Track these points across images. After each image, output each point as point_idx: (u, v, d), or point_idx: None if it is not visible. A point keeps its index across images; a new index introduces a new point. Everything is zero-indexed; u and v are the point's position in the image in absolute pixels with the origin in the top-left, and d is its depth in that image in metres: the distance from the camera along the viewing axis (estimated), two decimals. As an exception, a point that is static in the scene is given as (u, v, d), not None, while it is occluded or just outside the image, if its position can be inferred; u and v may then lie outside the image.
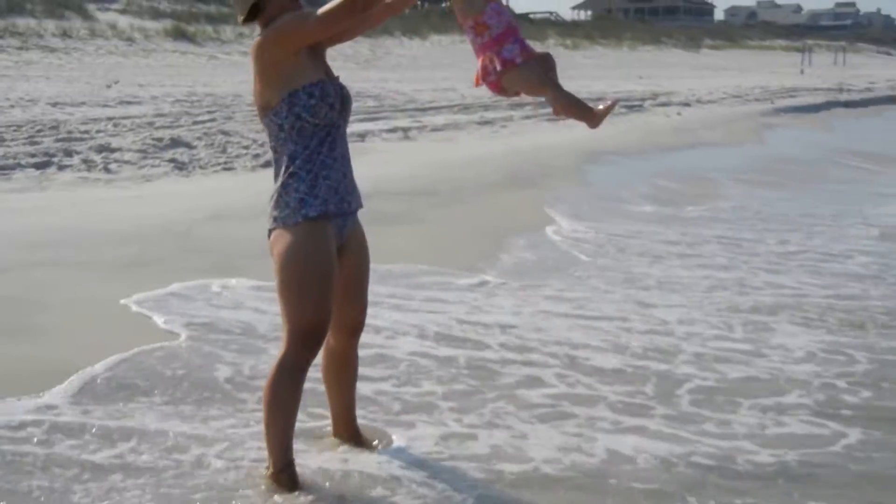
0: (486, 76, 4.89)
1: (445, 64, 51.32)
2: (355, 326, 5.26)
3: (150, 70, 34.77)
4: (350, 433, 5.57)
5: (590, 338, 7.72)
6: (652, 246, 11.19)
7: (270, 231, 4.89)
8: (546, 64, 4.92)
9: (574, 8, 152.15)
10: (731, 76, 55.11)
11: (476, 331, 7.78)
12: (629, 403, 6.38)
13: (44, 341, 7.08)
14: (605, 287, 9.34)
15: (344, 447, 5.48)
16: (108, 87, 26.45)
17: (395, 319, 7.84)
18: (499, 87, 4.92)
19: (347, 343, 5.28)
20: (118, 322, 7.57)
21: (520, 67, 4.80)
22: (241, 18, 4.82)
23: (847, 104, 35.54)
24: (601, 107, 4.89)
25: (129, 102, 22.53)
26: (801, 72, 66.43)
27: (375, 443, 5.59)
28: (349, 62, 47.55)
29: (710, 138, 22.48)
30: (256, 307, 8.01)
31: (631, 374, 6.96)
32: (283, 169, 4.84)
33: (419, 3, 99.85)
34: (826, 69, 74.51)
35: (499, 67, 4.82)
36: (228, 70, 37.76)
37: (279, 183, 4.85)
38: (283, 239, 4.81)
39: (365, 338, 5.57)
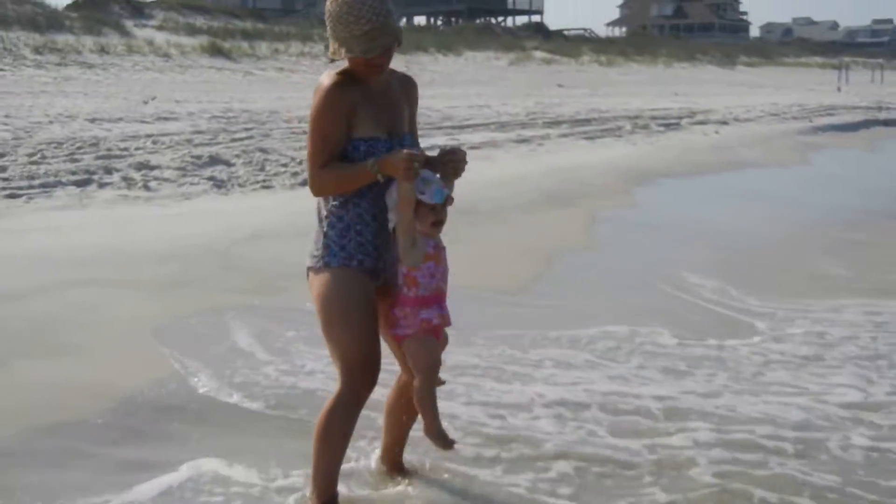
0: (393, 324, 4.87)
1: (481, 81, 51.33)
2: None
3: (187, 86, 34.86)
4: (395, 467, 5.55)
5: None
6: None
7: (308, 268, 4.96)
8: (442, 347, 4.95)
9: (608, 24, 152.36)
10: (767, 93, 54.77)
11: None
12: None
13: (79, 362, 7.07)
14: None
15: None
16: (146, 102, 26.51)
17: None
18: (398, 342, 4.92)
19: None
20: (168, 346, 7.52)
21: (422, 338, 4.81)
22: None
23: (887, 122, 35.23)
24: (443, 434, 4.86)
25: (166, 118, 22.51)
26: (839, 89, 66.01)
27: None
28: (384, 77, 47.54)
29: (750, 157, 22.29)
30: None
31: None
32: (321, 208, 4.92)
33: (453, 19, 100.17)
34: (863, 86, 73.97)
35: (407, 329, 4.83)
36: (264, 86, 37.84)
37: (317, 221, 4.95)
38: (316, 280, 4.88)
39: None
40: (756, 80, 73.87)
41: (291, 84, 39.97)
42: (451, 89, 42.80)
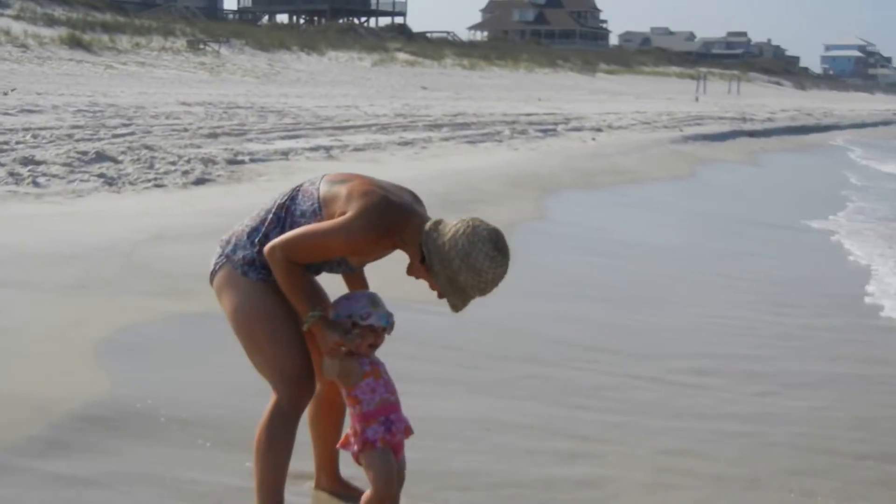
0: (346, 444, 4.82)
1: (344, 81, 51.43)
2: None
3: (46, 78, 34.15)
4: (333, 483, 5.35)
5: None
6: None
7: (217, 266, 4.81)
8: (399, 474, 4.82)
9: (470, 28, 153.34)
10: (628, 101, 55.88)
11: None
12: None
13: (4, 369, 6.70)
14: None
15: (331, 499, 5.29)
16: (5, 94, 25.87)
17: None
18: (357, 461, 4.81)
19: (333, 389, 5.05)
20: (82, 350, 7.18)
21: (375, 452, 4.69)
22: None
23: (752, 133, 36.19)
24: None
25: (30, 111, 22.06)
26: (696, 99, 67.54)
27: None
28: (248, 76, 47.39)
29: (629, 166, 22.59)
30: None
31: None
32: (258, 227, 4.72)
33: (315, 18, 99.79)
34: (720, 97, 75.94)
35: (357, 447, 4.73)
36: (126, 80, 37.31)
37: (248, 231, 4.75)
38: (229, 290, 4.74)
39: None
40: (616, 87, 75.27)
41: (154, 79, 39.49)
42: (315, 88, 42.84)
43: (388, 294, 4.89)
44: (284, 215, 4.68)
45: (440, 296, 4.61)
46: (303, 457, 5.17)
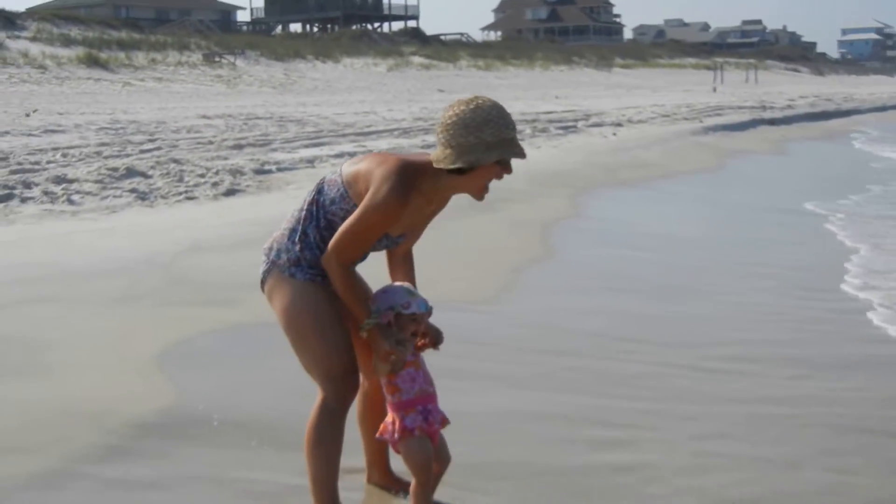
0: (385, 432, 4.98)
1: (360, 87, 51.53)
2: None
3: (66, 98, 34.43)
4: (384, 478, 5.49)
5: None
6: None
7: (265, 274, 4.96)
8: (440, 456, 5.00)
9: (484, 29, 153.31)
10: (645, 95, 55.79)
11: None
12: None
13: (60, 381, 6.89)
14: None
15: (383, 494, 5.42)
16: (28, 115, 26.12)
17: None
18: (395, 448, 4.97)
19: (379, 384, 5.18)
20: (132, 360, 7.39)
21: (413, 441, 4.87)
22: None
23: (772, 122, 36.10)
24: None
25: (53, 131, 22.28)
26: (714, 90, 67.34)
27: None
28: (265, 86, 47.55)
29: (652, 160, 22.64)
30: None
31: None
32: (305, 228, 4.87)
33: (329, 26, 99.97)
34: (738, 86, 75.69)
35: (396, 434, 4.89)
36: (144, 96, 37.56)
37: (289, 231, 4.91)
38: (279, 292, 4.88)
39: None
40: (633, 81, 75.09)
41: (172, 94, 39.68)
42: (332, 96, 42.94)
43: (424, 294, 5.01)
44: (316, 209, 4.84)
45: (502, 174, 4.68)
46: (355, 453, 5.33)
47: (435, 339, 4.99)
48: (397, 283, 4.99)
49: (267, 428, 6.23)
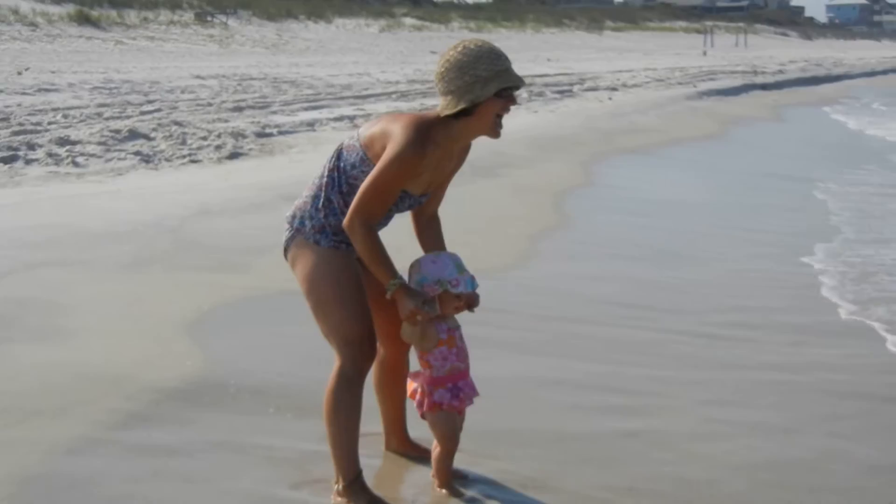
0: (414, 397, 5.04)
1: (353, 48, 51.28)
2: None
3: (57, 56, 34.26)
4: (403, 444, 5.57)
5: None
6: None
7: (289, 242, 5.01)
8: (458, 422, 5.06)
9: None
10: (637, 58, 55.65)
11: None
12: None
13: (78, 345, 6.97)
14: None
15: (402, 460, 5.51)
16: (20, 73, 26.03)
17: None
18: (421, 415, 5.04)
19: (397, 352, 5.30)
20: (147, 324, 7.46)
21: (441, 414, 4.94)
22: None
23: (764, 86, 36.17)
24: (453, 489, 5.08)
25: (47, 90, 22.30)
26: (704, 53, 67.33)
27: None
28: (258, 47, 47.36)
29: (649, 125, 22.69)
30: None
31: None
32: (328, 194, 4.92)
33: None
34: (728, 50, 75.57)
35: (424, 407, 4.96)
36: (137, 55, 37.38)
37: (311, 198, 4.97)
38: (302, 258, 4.94)
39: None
40: (624, 44, 74.86)
41: (165, 53, 39.52)
42: (325, 57, 42.81)
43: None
44: (337, 175, 4.89)
45: (507, 105, 4.73)
46: (374, 419, 5.41)
47: (469, 301, 5.01)
48: (446, 254, 4.98)
49: (284, 394, 6.30)
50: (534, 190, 13.78)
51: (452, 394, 4.94)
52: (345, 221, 4.76)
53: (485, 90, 4.62)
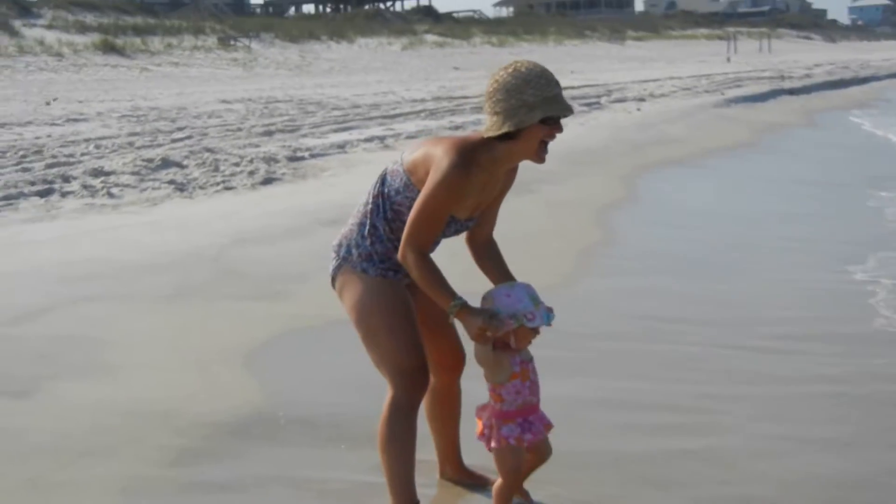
0: (482, 436, 4.92)
1: (376, 67, 51.44)
2: (453, 362, 5.20)
3: (84, 85, 34.50)
4: (458, 472, 5.50)
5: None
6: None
7: (336, 271, 4.96)
8: (540, 448, 4.98)
9: (496, 5, 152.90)
10: (660, 67, 55.57)
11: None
12: None
13: (125, 381, 6.93)
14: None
15: (457, 488, 5.42)
16: (48, 104, 26.19)
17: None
18: (489, 449, 4.92)
19: (449, 379, 5.23)
20: (193, 357, 7.42)
21: (508, 449, 4.82)
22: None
23: (791, 91, 35.99)
24: None
25: (75, 120, 22.38)
26: (728, 59, 67.10)
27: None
28: (281, 69, 47.54)
29: (678, 135, 22.59)
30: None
31: None
32: (374, 221, 4.87)
33: (341, 6, 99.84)
34: (751, 56, 75.37)
35: (493, 443, 4.85)
36: (162, 81, 37.59)
37: (358, 225, 4.93)
38: (350, 288, 4.88)
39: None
40: (647, 54, 74.78)
41: (190, 79, 39.71)
42: (349, 77, 42.90)
43: (466, 286, 4.98)
44: (382, 201, 4.83)
45: (553, 133, 4.62)
46: (428, 446, 5.34)
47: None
48: (520, 286, 4.83)
49: (335, 424, 6.23)
50: (569, 205, 13.70)
51: (523, 428, 4.83)
52: (399, 254, 4.71)
53: (530, 116, 4.54)
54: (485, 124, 4.69)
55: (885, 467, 5.81)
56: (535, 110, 4.54)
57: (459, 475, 5.49)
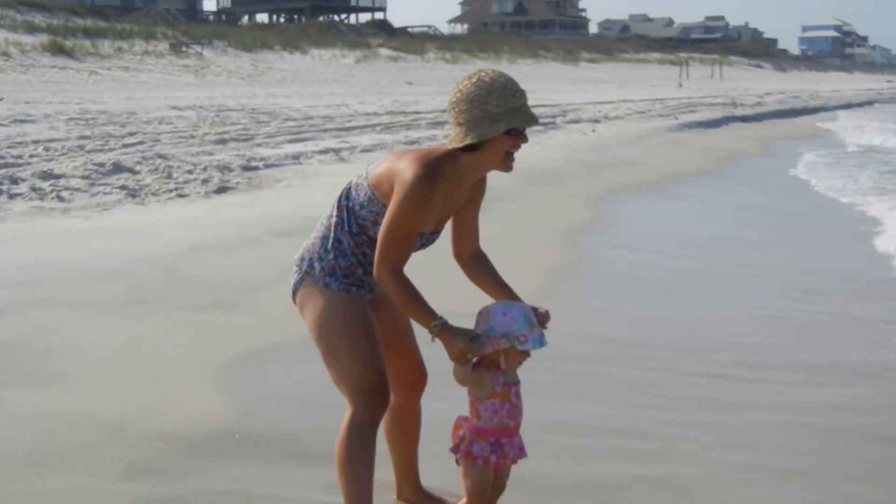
0: (454, 444, 4.82)
1: (329, 79, 51.48)
2: (414, 381, 5.09)
3: (31, 86, 34.16)
4: (415, 493, 5.37)
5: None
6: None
7: (297, 285, 4.84)
8: (496, 487, 4.86)
9: (450, 21, 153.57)
10: (613, 90, 56.00)
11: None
12: None
13: (76, 391, 6.73)
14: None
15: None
16: (-7, 103, 25.87)
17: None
18: (458, 462, 4.82)
19: (409, 398, 5.12)
20: (146, 367, 7.25)
21: (475, 467, 4.71)
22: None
23: (744, 118, 36.33)
24: None
25: (22, 121, 22.07)
26: (680, 85, 67.69)
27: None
28: (233, 77, 47.37)
29: (632, 157, 22.65)
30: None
31: None
32: (338, 234, 4.76)
33: (296, 17, 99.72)
34: (703, 82, 76.17)
35: (461, 454, 4.75)
36: (111, 86, 37.36)
37: (320, 238, 4.81)
38: (311, 302, 4.77)
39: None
40: (599, 76, 75.39)
41: (140, 83, 39.50)
42: (302, 88, 42.90)
43: (442, 304, 4.87)
44: (347, 215, 4.72)
45: (518, 143, 4.52)
46: (388, 467, 5.22)
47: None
48: (518, 306, 4.73)
49: (291, 440, 6.09)
50: (527, 225, 13.62)
51: (493, 448, 4.72)
52: (374, 274, 4.58)
53: (493, 128, 4.43)
54: (451, 134, 4.58)
55: (843, 498, 5.75)
56: (499, 122, 4.43)
57: (417, 496, 5.36)
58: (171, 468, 5.65)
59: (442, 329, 4.52)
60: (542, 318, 4.81)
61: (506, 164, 4.54)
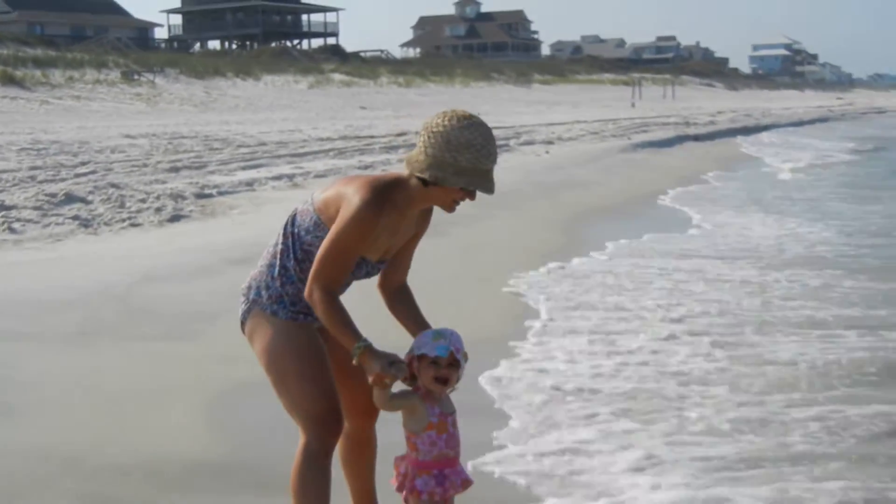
0: (396, 481, 4.73)
1: (282, 105, 51.45)
2: (367, 407, 4.95)
3: (-19, 117, 33.92)
4: None
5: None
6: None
7: (245, 315, 4.81)
8: None
9: (403, 45, 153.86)
10: (566, 111, 56.19)
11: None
12: None
13: (30, 423, 6.67)
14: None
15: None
16: (-59, 134, 25.65)
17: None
18: (404, 499, 4.71)
19: (363, 424, 5.06)
20: (101, 399, 7.18)
21: (421, 501, 4.61)
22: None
23: (696, 138, 36.52)
24: None
25: (-28, 151, 21.88)
26: (633, 105, 68.04)
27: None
28: (186, 104, 47.28)
29: (587, 177, 22.71)
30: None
31: None
32: (284, 262, 4.73)
33: (248, 43, 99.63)
34: (656, 102, 76.63)
35: (404, 492, 4.68)
36: (63, 115, 37.21)
37: (268, 266, 4.78)
38: (260, 331, 4.74)
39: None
40: (553, 97, 75.63)
41: (92, 112, 39.37)
42: (255, 114, 42.87)
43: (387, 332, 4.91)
44: (292, 241, 4.69)
45: (465, 198, 4.49)
46: (345, 494, 5.16)
47: (446, 376, 4.59)
48: (446, 329, 4.65)
49: (247, 469, 6.07)
50: (483, 248, 13.59)
51: (437, 481, 4.64)
52: (305, 291, 4.55)
53: (453, 179, 4.40)
54: (412, 152, 4.54)
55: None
56: (461, 176, 4.39)
57: (376, 525, 5.31)
58: (128, 500, 5.61)
59: (364, 351, 4.46)
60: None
61: (450, 207, 4.55)
